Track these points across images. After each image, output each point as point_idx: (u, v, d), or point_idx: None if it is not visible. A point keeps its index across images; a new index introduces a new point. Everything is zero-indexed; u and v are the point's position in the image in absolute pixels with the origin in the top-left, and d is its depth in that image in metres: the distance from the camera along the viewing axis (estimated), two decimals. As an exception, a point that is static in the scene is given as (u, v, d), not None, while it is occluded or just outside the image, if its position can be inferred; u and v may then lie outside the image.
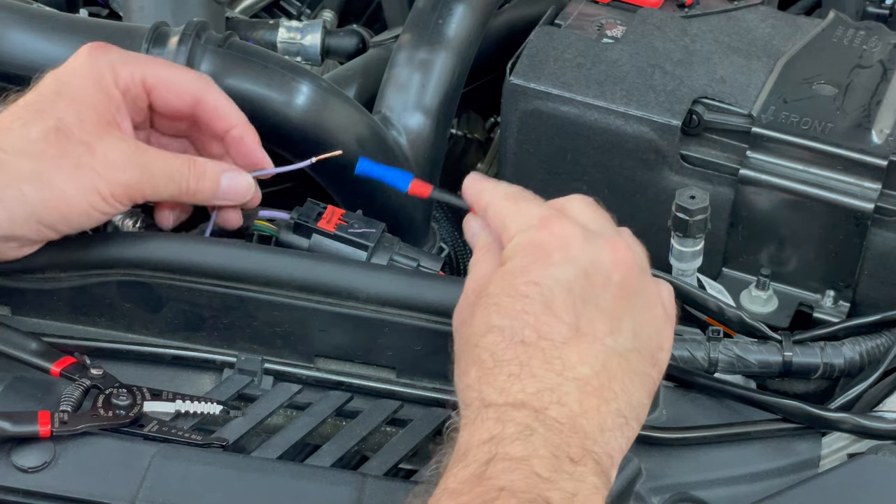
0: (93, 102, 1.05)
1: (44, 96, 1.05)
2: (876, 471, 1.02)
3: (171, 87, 1.10)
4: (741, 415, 1.08)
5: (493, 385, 0.89)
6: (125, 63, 1.08)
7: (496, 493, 0.84)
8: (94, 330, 1.11)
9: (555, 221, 0.95)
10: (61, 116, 1.03)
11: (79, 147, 1.02)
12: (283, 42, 1.61)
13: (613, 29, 1.38)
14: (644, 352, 0.93)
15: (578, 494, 0.85)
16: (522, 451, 0.86)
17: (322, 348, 1.09)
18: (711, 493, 1.03)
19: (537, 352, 0.90)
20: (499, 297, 0.92)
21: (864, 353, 1.16)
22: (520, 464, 0.85)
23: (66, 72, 1.07)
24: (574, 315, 0.91)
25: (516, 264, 0.93)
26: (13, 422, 0.99)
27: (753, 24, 1.40)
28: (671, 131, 1.29)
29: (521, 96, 1.33)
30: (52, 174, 1.02)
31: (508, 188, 1.02)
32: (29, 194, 1.01)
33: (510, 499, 0.83)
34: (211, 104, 1.11)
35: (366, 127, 1.28)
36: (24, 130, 1.02)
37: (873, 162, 1.25)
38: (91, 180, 1.02)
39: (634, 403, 0.91)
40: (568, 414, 0.88)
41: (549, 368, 0.89)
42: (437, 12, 1.37)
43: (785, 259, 1.31)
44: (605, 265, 0.93)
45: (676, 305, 0.98)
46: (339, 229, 1.14)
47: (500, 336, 0.90)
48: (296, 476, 0.99)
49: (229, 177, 1.10)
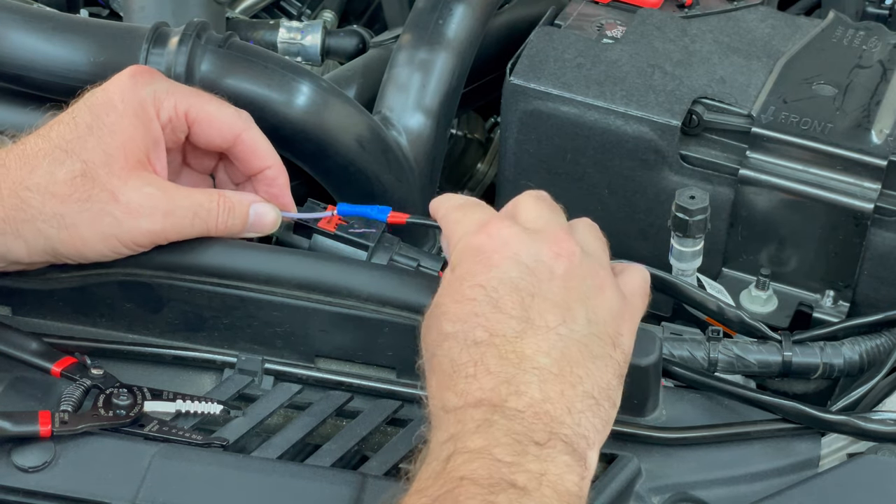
0: (124, 142, 1.04)
1: (76, 132, 1.04)
2: (875, 471, 1.02)
3: (214, 122, 1.09)
4: (741, 415, 1.08)
5: (454, 390, 0.91)
6: (170, 94, 1.07)
7: (457, 482, 0.85)
8: (95, 330, 1.11)
9: (492, 224, 0.96)
10: (88, 158, 1.03)
11: (103, 193, 1.02)
12: (284, 42, 1.61)
13: (613, 29, 1.39)
14: (603, 336, 0.94)
15: (547, 473, 0.87)
16: (482, 442, 0.87)
17: (322, 348, 1.09)
18: (711, 493, 1.03)
19: (491, 349, 0.91)
20: (447, 306, 0.94)
21: (863, 354, 1.16)
22: (480, 454, 0.87)
23: (104, 102, 1.05)
24: (523, 309, 0.92)
25: (460, 271, 0.95)
26: (13, 421, 0.99)
27: (753, 25, 1.40)
28: (671, 131, 1.29)
29: (521, 96, 1.33)
30: (73, 218, 1.02)
31: (461, 199, 1.03)
32: (48, 233, 1.02)
33: (471, 486, 0.85)
34: (250, 142, 1.11)
35: (366, 127, 1.28)
36: (50, 170, 1.02)
37: (873, 162, 1.25)
38: (111, 228, 1.02)
39: (603, 385, 0.92)
40: (528, 402, 0.89)
41: (506, 363, 0.91)
42: (437, 12, 1.37)
43: (785, 259, 1.31)
44: (547, 259, 0.95)
45: (650, 291, 1.01)
46: (339, 229, 1.14)
47: (454, 342, 0.92)
48: (296, 476, 0.99)
49: (256, 209, 1.09)
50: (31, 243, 1.03)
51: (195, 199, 1.06)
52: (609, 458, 1.04)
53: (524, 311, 0.93)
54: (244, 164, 1.12)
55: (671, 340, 1.16)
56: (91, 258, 1.05)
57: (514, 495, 0.85)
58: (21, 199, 1.02)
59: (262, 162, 1.12)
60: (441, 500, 0.85)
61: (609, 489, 1.01)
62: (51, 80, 1.21)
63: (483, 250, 0.95)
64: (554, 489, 0.86)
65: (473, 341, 0.92)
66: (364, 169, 1.27)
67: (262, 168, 1.12)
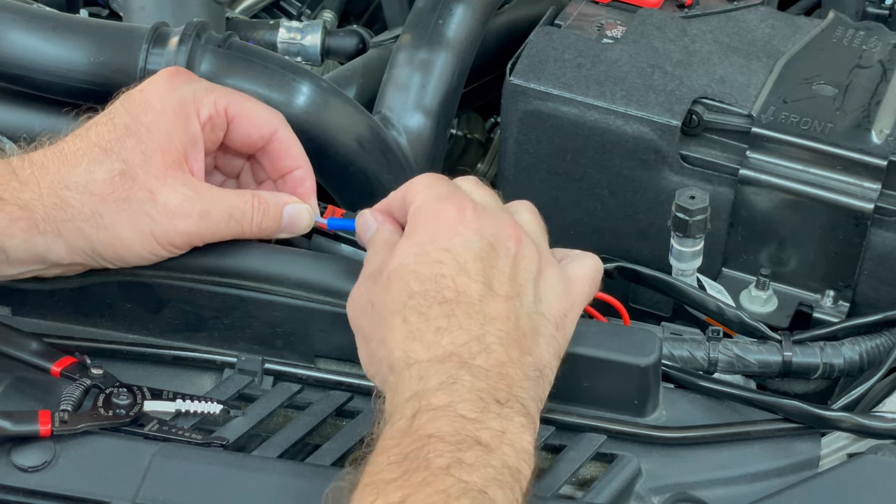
0: (161, 142, 1.04)
1: (114, 132, 1.04)
2: (875, 471, 1.02)
3: (253, 118, 1.10)
4: (741, 415, 1.08)
5: (421, 340, 0.93)
6: (209, 91, 1.08)
7: (425, 440, 0.87)
8: (95, 330, 1.11)
9: (458, 198, 0.99)
10: (128, 158, 1.03)
11: (141, 192, 1.03)
12: (284, 42, 1.61)
13: (613, 29, 1.38)
14: (549, 316, 0.98)
15: (507, 432, 0.89)
16: (446, 399, 0.90)
17: (322, 348, 1.09)
18: (711, 493, 1.03)
19: (460, 306, 0.94)
20: (414, 266, 0.96)
21: (863, 354, 1.16)
22: (444, 411, 0.89)
23: (141, 102, 1.06)
24: (485, 277, 0.96)
25: (422, 236, 0.97)
26: (13, 421, 0.99)
27: (753, 25, 1.40)
28: (671, 131, 1.29)
29: (521, 96, 1.33)
30: (112, 217, 1.02)
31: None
32: (88, 232, 1.02)
33: (439, 444, 0.87)
34: (284, 141, 1.11)
35: (366, 127, 1.28)
36: (90, 168, 1.03)
37: (873, 162, 1.25)
38: (149, 227, 1.03)
39: (545, 361, 0.96)
40: (495, 362, 0.93)
41: (473, 322, 0.94)
42: (437, 12, 1.37)
43: (785, 259, 1.31)
44: (504, 238, 0.98)
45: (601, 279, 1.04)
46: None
47: (423, 298, 0.94)
48: (296, 476, 0.99)
49: (290, 210, 1.10)
50: (71, 243, 1.03)
51: (230, 201, 1.06)
52: (609, 458, 1.04)
53: (486, 279, 0.96)
54: (275, 164, 1.12)
55: (671, 340, 1.16)
56: (129, 260, 1.05)
57: (480, 452, 0.87)
58: (61, 199, 1.02)
59: (294, 162, 1.12)
60: (410, 458, 0.86)
61: (609, 489, 1.01)
62: (51, 80, 1.21)
63: (449, 219, 0.97)
64: (513, 447, 0.89)
65: (443, 299, 0.94)
66: (364, 169, 1.27)
67: (292, 168, 1.12)
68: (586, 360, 1.03)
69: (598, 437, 1.04)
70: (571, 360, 1.00)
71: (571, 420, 1.05)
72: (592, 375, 1.04)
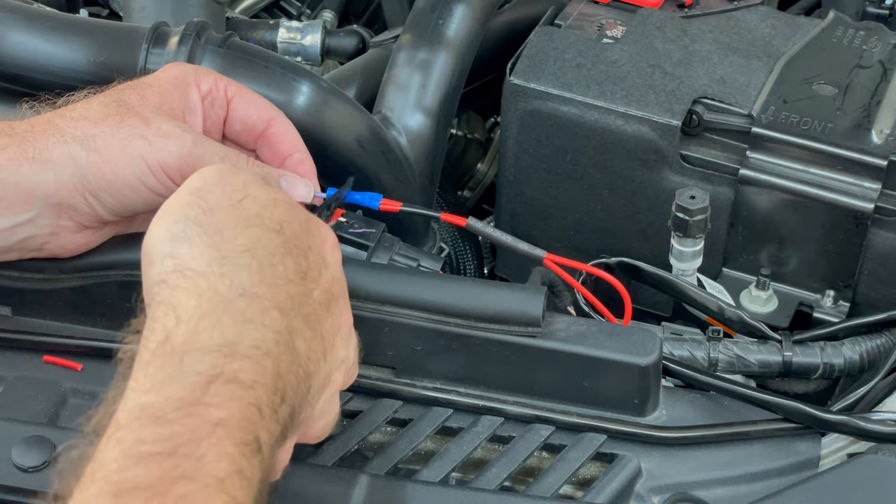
0: (161, 95, 1.06)
1: (115, 89, 1.06)
2: (875, 471, 1.02)
3: (252, 99, 1.11)
4: (741, 415, 1.08)
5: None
6: (209, 73, 1.10)
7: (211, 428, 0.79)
8: (94, 330, 1.11)
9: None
10: (126, 100, 1.04)
11: (135, 119, 1.03)
12: (283, 42, 1.61)
13: (613, 29, 1.39)
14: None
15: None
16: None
17: (322, 348, 1.09)
18: (711, 493, 1.03)
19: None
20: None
21: (864, 354, 1.16)
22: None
23: (142, 78, 1.08)
24: None
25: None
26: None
27: (753, 25, 1.40)
28: (671, 131, 1.29)
29: (521, 96, 1.33)
30: (104, 138, 1.02)
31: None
32: (77, 155, 1.01)
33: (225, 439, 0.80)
34: (283, 126, 1.11)
35: (366, 127, 1.28)
36: (85, 102, 1.05)
37: (873, 162, 1.25)
38: (139, 149, 1.02)
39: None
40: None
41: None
42: (437, 12, 1.37)
43: (785, 259, 1.31)
44: None
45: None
46: (339, 229, 1.14)
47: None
48: (296, 476, 0.99)
49: (287, 179, 1.08)
50: (59, 170, 1.01)
51: (226, 148, 1.06)
52: (609, 458, 1.04)
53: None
54: (275, 150, 1.12)
55: (671, 340, 1.16)
56: (121, 194, 1.03)
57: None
58: (55, 126, 1.02)
59: (292, 146, 1.12)
60: (180, 453, 0.77)
61: (609, 489, 1.01)
62: (50, 80, 1.21)
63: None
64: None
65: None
66: (364, 169, 1.27)
67: (291, 152, 1.12)
68: (586, 360, 1.03)
69: (598, 437, 1.04)
70: (572, 359, 1.00)
71: (571, 420, 1.05)
72: (592, 375, 1.04)
